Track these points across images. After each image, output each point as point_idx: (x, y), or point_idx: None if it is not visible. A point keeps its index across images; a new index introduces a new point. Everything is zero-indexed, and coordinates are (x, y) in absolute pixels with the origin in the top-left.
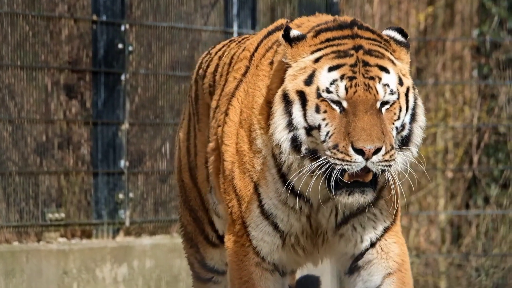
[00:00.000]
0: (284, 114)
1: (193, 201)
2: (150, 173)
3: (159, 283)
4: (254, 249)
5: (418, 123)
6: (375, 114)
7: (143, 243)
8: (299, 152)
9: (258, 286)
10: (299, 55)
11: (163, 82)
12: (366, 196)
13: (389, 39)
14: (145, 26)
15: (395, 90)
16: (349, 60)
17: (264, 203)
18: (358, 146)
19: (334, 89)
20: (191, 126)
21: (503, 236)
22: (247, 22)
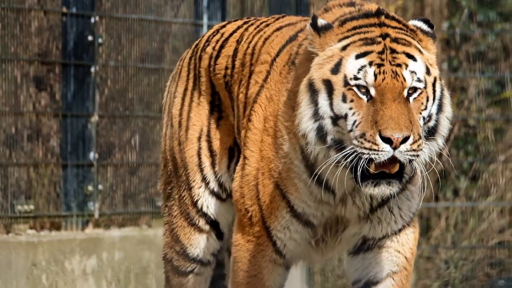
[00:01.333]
0: (310, 104)
1: (181, 178)
2: (120, 165)
3: (128, 275)
4: (274, 247)
5: (445, 114)
6: (402, 102)
7: (112, 235)
8: (324, 142)
9: (266, 281)
10: (326, 43)
11: (133, 74)
12: (392, 187)
13: (415, 29)
14: (115, 18)
15: (422, 79)
16: (377, 47)
17: (296, 208)
18: (386, 134)
19: (362, 75)
20: (185, 101)
21: (472, 228)
22: (217, 14)
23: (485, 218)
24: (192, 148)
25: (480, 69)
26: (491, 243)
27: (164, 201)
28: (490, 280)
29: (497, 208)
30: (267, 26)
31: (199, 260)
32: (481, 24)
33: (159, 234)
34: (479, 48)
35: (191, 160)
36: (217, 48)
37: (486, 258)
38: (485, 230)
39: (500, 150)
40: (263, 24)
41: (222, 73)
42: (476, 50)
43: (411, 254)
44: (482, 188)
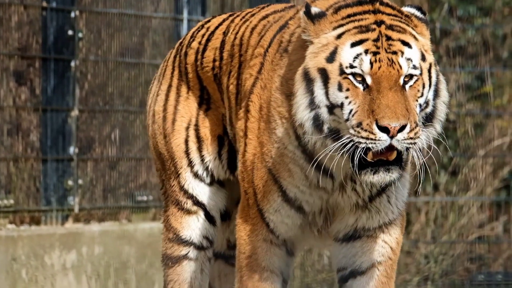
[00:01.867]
0: (306, 93)
1: (169, 170)
2: (99, 160)
3: (108, 270)
4: (268, 227)
5: (441, 99)
6: (399, 90)
7: (92, 230)
8: (321, 131)
9: (262, 261)
10: (321, 30)
11: (113, 68)
12: (392, 174)
13: (410, 15)
14: (95, 13)
15: (418, 66)
16: (372, 35)
17: (288, 192)
18: (383, 123)
19: (358, 63)
20: (170, 97)
21: (452, 223)
22: (197, 9)
23: (465, 213)
24: (179, 137)
25: (460, 63)
26: (470, 238)
27: (164, 204)
28: (470, 275)
29: (477, 203)
30: (252, 15)
31: (191, 242)
32: (461, 18)
33: (139, 228)
34: (459, 43)
35: (178, 149)
36: (203, 42)
37: (465, 253)
38: (465, 225)
39: (480, 144)
40: (249, 15)
41: (210, 65)
42: (456, 45)
43: (397, 244)
44: (462, 183)
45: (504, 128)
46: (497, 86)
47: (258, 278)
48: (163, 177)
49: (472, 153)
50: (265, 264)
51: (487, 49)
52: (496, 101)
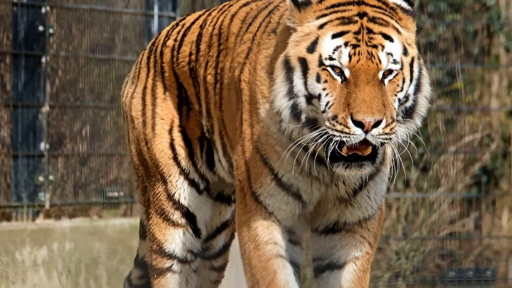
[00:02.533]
0: (285, 81)
1: (154, 177)
2: (70, 156)
3: (79, 266)
4: (266, 210)
5: (423, 93)
6: (376, 85)
7: (63, 226)
8: (299, 120)
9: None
10: (305, 19)
11: (84, 64)
12: (364, 169)
13: (395, 7)
14: (65, 8)
15: (398, 60)
16: (353, 27)
17: (281, 176)
18: (358, 118)
19: (337, 56)
20: (147, 100)
21: (423, 219)
22: (168, 5)
23: (436, 209)
24: (162, 142)
25: (431, 60)
26: (441, 234)
27: (144, 211)
28: (441, 271)
29: (448, 199)
30: (230, 6)
31: (175, 256)
32: (431, 15)
33: (109, 224)
34: (430, 39)
35: (162, 155)
36: (179, 38)
37: (436, 249)
38: (436, 221)
39: (450, 141)
40: (226, 6)
41: (186, 60)
42: (427, 41)
43: (375, 238)
44: (433, 179)
45: (475, 124)
46: (468, 82)
47: (263, 252)
48: (146, 184)
49: (443, 149)
50: (268, 238)
51: (458, 45)
52: (467, 97)
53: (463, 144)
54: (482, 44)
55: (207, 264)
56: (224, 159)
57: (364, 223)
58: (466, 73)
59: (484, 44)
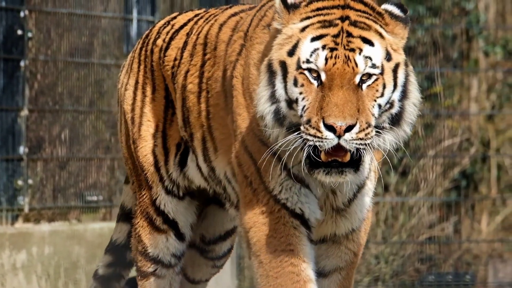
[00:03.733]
0: (268, 85)
1: (140, 177)
2: (49, 160)
3: (58, 270)
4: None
5: (410, 100)
6: (352, 89)
7: (42, 230)
8: (282, 125)
9: (299, 252)
10: (291, 21)
11: (63, 68)
12: (345, 176)
13: (383, 13)
14: (44, 12)
15: (378, 64)
16: (333, 31)
17: (289, 167)
18: (329, 122)
19: (314, 59)
20: (137, 95)
21: (402, 223)
22: (146, 9)
23: (415, 214)
24: (146, 146)
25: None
26: (421, 239)
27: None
28: (420, 275)
29: (427, 203)
30: (216, 16)
31: (159, 261)
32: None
33: (88, 228)
34: (408, 43)
35: (145, 160)
36: (167, 40)
37: (416, 254)
38: (415, 225)
39: (430, 145)
40: (212, 16)
41: (170, 64)
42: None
43: (359, 248)
44: (412, 183)
45: (454, 128)
46: (447, 87)
47: (298, 271)
48: (133, 178)
49: (422, 154)
50: (302, 255)
51: (437, 49)
52: (446, 102)
53: (442, 148)
54: (461, 48)
55: (210, 263)
56: (204, 165)
57: (350, 235)
58: (445, 77)
59: (463, 48)
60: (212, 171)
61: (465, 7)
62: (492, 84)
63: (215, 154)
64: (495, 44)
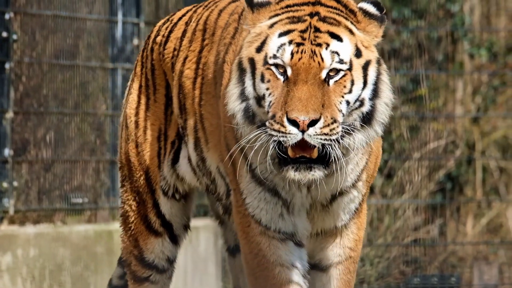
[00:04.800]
0: (238, 83)
1: (138, 182)
2: (34, 162)
3: (43, 272)
4: (253, 217)
5: (382, 100)
6: (316, 84)
7: (27, 232)
8: (253, 123)
9: (269, 257)
10: (258, 20)
11: (48, 70)
12: (314, 173)
13: (356, 10)
14: (29, 15)
15: (346, 60)
16: (300, 26)
17: (254, 167)
18: (292, 116)
19: (280, 54)
20: (141, 99)
21: (387, 226)
22: (131, 11)
23: (400, 216)
24: (153, 149)
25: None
26: (406, 241)
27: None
28: (405, 277)
29: (412, 205)
30: (216, 2)
31: (154, 266)
32: (395, 21)
33: (74, 231)
34: (393, 45)
35: (152, 162)
36: (166, 34)
37: (401, 256)
38: (400, 227)
39: (415, 147)
40: (211, 3)
41: (170, 56)
42: (390, 47)
43: (355, 242)
44: (397, 186)
45: (440, 131)
46: (432, 89)
47: (272, 276)
48: (125, 183)
49: (407, 156)
50: (273, 259)
51: (422, 52)
52: (431, 104)
53: (428, 150)
54: (446, 50)
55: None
56: (194, 153)
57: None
58: (430, 80)
59: (448, 50)
60: (202, 162)
61: (450, 9)
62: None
63: (206, 146)
64: (480, 47)
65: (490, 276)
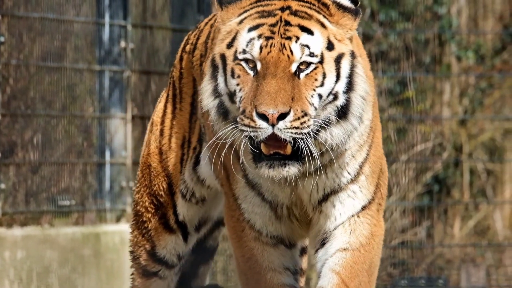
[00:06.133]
0: (211, 80)
1: (158, 186)
2: (22, 164)
3: (31, 274)
4: (248, 223)
5: (357, 93)
6: (286, 77)
7: (14, 234)
8: (227, 119)
9: (262, 262)
10: (227, 18)
11: (35, 72)
12: (289, 169)
13: (329, 4)
14: (16, 17)
15: (317, 53)
16: (270, 20)
17: (248, 172)
18: (260, 110)
19: (249, 48)
20: (168, 108)
21: None
22: (118, 13)
23: (388, 218)
24: (176, 156)
25: (382, 68)
26: (393, 243)
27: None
28: (393, 279)
29: (399, 207)
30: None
31: (165, 262)
32: (382, 23)
33: (61, 233)
34: (381, 48)
35: (175, 168)
36: (194, 42)
37: (388, 258)
38: (388, 229)
39: (402, 149)
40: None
41: (198, 62)
42: (378, 50)
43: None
44: None
45: (427, 133)
46: (419, 91)
47: (264, 280)
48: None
49: (394, 158)
50: (266, 265)
51: (409, 54)
52: (419, 106)
53: (415, 153)
54: (434, 52)
55: None
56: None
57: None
58: (418, 82)
59: (435, 52)
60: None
61: (437, 11)
62: (465, 89)
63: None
64: (468, 49)
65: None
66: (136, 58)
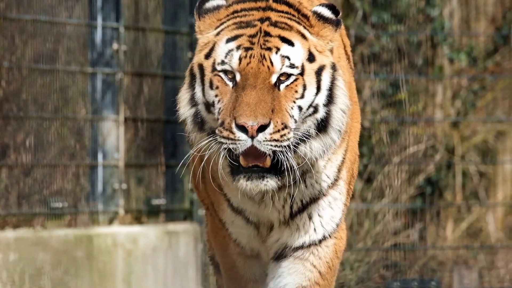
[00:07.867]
0: (188, 88)
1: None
2: (14, 166)
3: (23, 276)
4: (234, 242)
5: (337, 106)
6: (266, 89)
7: (6, 236)
8: (203, 129)
9: (243, 273)
10: (205, 29)
11: (27, 75)
12: (267, 182)
13: (309, 15)
14: (8, 19)
15: (298, 65)
16: (250, 31)
17: (232, 201)
18: (240, 122)
19: (228, 59)
20: None
21: (367, 230)
22: (111, 15)
23: (380, 220)
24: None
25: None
26: (386, 245)
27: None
28: (385, 282)
29: (392, 210)
30: None
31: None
32: (375, 25)
33: (54, 235)
34: (373, 50)
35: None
36: None
37: (381, 260)
38: (380, 232)
39: (394, 152)
40: None
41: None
42: (370, 52)
43: (328, 268)
44: (377, 190)
45: (419, 135)
46: (411, 93)
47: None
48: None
49: (387, 160)
50: (248, 276)
51: (402, 56)
52: (411, 108)
53: (407, 155)
54: (426, 55)
55: None
56: None
57: (315, 250)
58: (410, 84)
59: (428, 55)
60: None
61: (430, 14)
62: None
63: None
64: (460, 51)
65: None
66: (128, 60)
